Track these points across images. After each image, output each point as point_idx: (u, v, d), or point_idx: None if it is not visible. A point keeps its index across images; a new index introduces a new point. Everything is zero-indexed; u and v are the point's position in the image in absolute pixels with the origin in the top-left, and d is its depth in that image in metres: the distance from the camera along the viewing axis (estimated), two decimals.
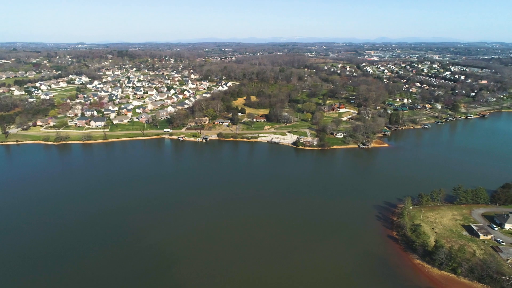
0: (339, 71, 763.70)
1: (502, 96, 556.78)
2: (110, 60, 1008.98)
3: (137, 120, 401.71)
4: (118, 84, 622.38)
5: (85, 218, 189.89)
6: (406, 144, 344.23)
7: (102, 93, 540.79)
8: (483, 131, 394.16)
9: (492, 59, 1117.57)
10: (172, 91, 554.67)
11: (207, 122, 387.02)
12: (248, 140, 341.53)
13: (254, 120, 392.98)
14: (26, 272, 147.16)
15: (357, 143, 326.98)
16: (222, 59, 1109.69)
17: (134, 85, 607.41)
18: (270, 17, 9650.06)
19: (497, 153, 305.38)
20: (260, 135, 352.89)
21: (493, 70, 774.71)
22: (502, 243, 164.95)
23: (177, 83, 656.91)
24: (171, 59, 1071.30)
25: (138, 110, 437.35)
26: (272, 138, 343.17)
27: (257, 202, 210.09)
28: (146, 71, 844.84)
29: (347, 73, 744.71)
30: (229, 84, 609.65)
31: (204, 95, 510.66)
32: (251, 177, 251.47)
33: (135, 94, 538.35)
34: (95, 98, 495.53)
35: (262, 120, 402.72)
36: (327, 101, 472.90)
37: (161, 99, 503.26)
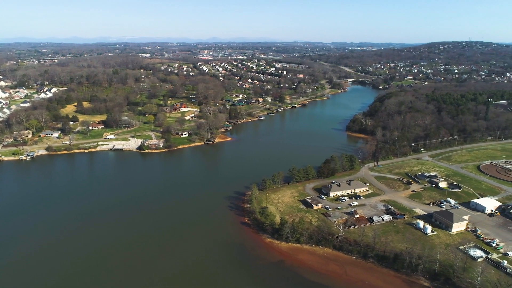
0: (176, 71, 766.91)
1: (315, 87, 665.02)
2: None
3: None
4: None
5: None
6: (246, 136, 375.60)
7: None
8: (305, 117, 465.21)
9: (304, 56, 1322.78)
10: None
11: (30, 135, 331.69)
12: (86, 151, 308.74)
13: (90, 127, 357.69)
14: None
15: (203, 140, 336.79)
16: (41, 62, 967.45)
17: None
18: (95, 13, 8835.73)
19: (317, 134, 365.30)
20: (100, 143, 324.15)
21: (307, 66, 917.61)
22: (329, 209, 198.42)
23: None
24: None
25: None
26: (114, 145, 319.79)
27: (106, 221, 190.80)
28: None
29: (185, 72, 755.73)
30: (54, 90, 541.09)
31: (22, 104, 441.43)
32: (94, 192, 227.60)
33: None
34: None
35: (100, 127, 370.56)
36: (168, 102, 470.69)
37: None
